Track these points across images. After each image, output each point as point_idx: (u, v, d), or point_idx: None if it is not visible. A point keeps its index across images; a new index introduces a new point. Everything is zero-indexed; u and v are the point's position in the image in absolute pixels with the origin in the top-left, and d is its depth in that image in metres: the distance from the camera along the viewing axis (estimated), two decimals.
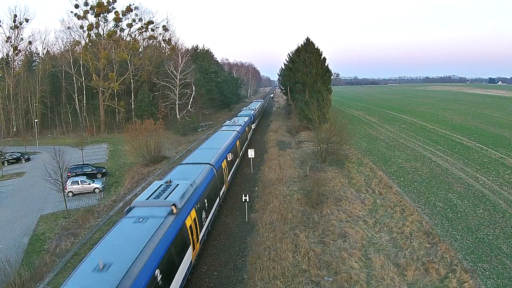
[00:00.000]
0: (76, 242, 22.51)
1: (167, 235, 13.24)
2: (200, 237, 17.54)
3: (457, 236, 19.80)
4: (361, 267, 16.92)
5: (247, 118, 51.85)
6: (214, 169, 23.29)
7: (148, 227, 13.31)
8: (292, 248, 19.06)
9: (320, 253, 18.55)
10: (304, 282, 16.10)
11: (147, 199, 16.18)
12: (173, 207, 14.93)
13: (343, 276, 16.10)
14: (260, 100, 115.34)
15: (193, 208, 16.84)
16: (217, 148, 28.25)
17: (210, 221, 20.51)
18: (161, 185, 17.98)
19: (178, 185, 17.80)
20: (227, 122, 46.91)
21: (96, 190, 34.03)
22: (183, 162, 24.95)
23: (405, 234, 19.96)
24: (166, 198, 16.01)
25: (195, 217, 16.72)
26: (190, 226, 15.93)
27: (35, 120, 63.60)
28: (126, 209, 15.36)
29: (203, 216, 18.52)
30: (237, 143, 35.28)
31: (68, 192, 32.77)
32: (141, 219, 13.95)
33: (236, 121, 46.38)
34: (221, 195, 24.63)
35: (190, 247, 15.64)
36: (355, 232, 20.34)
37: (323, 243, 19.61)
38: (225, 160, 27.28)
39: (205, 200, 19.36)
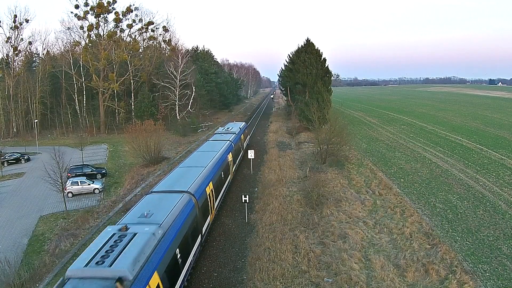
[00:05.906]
0: (75, 243, 22.47)
1: None
2: None
3: (457, 238, 19.78)
4: (361, 268, 16.90)
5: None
6: None
7: None
8: (292, 249, 19.03)
9: (320, 254, 18.53)
10: (304, 283, 16.07)
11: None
12: None
13: (343, 277, 16.09)
14: (234, 130, 40.29)
15: None
16: None
17: None
18: None
19: None
20: None
21: (96, 191, 33.96)
22: None
23: (405, 235, 19.94)
24: None
25: None
26: None
27: (35, 121, 63.47)
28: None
29: None
30: None
31: (68, 192, 32.71)
32: None
33: None
34: None
35: None
36: (355, 233, 20.33)
37: (323, 244, 19.58)
38: None
39: None
